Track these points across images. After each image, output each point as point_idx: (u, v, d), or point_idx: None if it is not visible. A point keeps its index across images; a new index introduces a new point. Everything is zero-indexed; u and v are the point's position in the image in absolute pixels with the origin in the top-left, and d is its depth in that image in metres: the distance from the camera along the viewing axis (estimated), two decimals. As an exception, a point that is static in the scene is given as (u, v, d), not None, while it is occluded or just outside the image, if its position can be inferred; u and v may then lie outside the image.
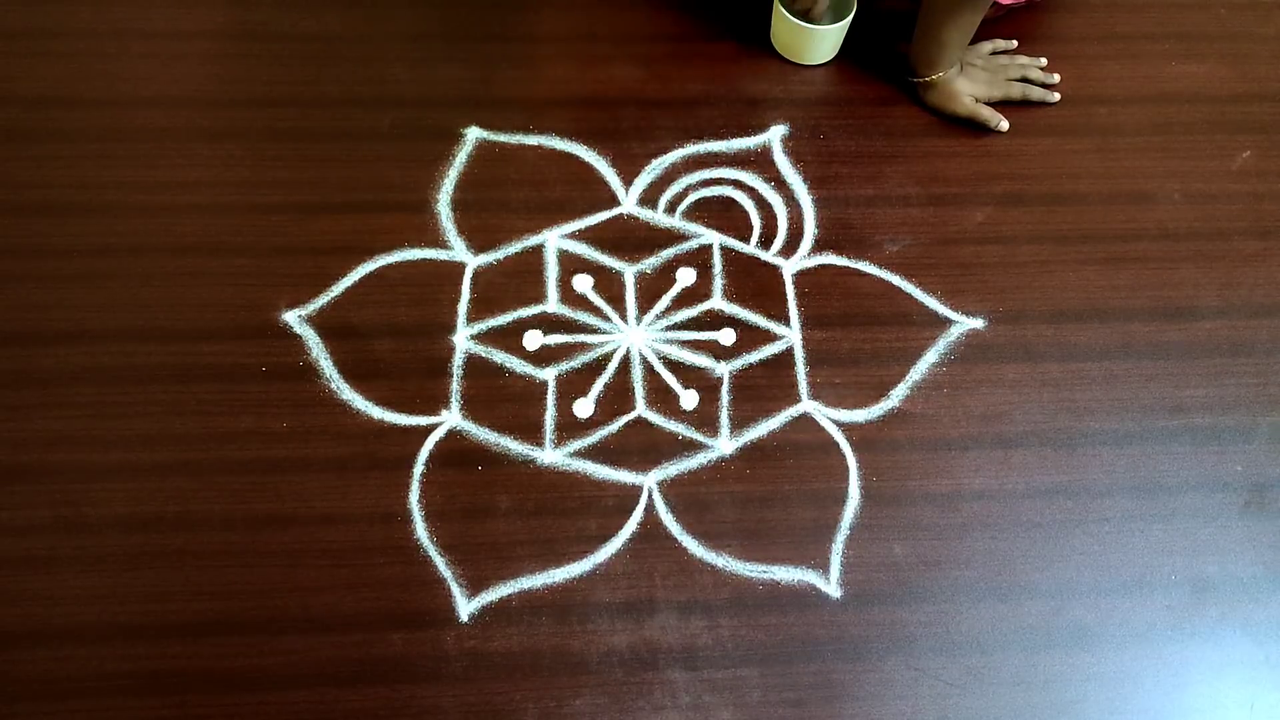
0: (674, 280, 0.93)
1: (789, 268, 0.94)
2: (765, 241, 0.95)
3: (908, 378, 0.88)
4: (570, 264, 0.93)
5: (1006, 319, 0.92)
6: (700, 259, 0.94)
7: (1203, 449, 0.86)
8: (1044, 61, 1.06)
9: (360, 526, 0.79)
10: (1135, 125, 1.04)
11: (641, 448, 0.84)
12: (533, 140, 1.00)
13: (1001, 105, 1.02)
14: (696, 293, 0.92)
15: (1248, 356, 0.91)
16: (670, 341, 0.90)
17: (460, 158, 0.98)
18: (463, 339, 0.88)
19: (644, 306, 0.91)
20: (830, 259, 0.94)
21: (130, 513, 0.79)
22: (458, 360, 0.87)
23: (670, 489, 0.82)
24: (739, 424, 0.85)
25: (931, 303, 0.92)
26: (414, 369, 0.86)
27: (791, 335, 0.90)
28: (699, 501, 0.82)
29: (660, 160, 0.99)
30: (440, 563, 0.78)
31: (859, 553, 0.80)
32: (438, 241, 0.93)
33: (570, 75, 1.05)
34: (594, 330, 0.90)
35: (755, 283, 0.92)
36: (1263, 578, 0.80)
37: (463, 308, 0.90)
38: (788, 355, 0.89)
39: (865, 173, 0.99)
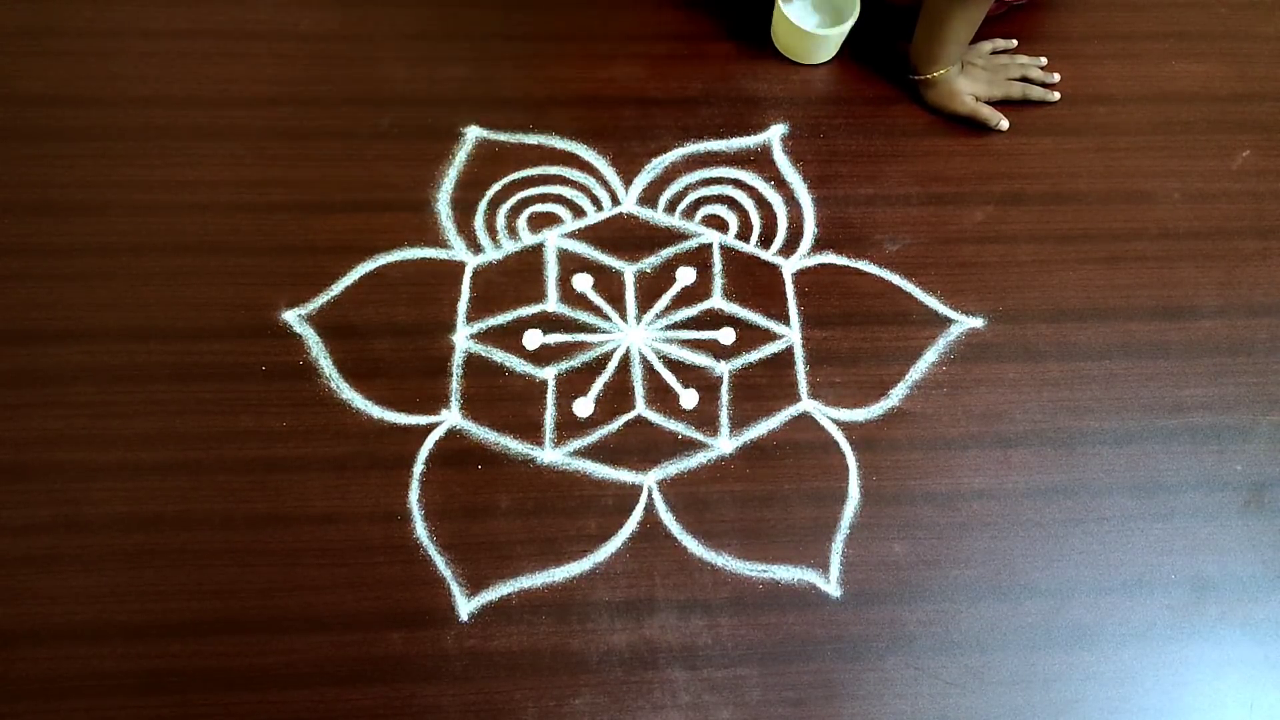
0: (674, 279, 0.93)
1: (789, 267, 0.94)
2: (765, 241, 0.95)
3: (907, 377, 0.88)
4: (570, 263, 0.93)
5: (1006, 318, 0.92)
6: (700, 258, 0.94)
7: (1202, 448, 0.86)
8: (1044, 61, 1.06)
9: (360, 526, 0.79)
10: (1135, 125, 1.04)
11: (641, 447, 0.84)
12: (533, 140, 1.00)
13: (1001, 104, 1.02)
14: (696, 292, 0.92)
15: (1247, 356, 0.91)
16: (670, 341, 0.90)
17: (460, 157, 0.98)
18: (462, 338, 0.88)
19: (644, 306, 0.91)
20: (830, 258, 0.94)
21: (130, 512, 0.79)
22: (457, 359, 0.87)
23: (670, 488, 0.82)
24: (739, 423, 0.85)
25: (931, 302, 0.92)
26: (414, 368, 0.86)
27: (791, 334, 0.90)
28: (699, 501, 0.82)
29: (660, 159, 0.99)
30: (440, 562, 0.78)
31: (859, 552, 0.80)
32: (438, 241, 0.93)
33: (570, 75, 1.05)
34: (594, 329, 0.90)
35: (755, 282, 0.92)
36: (1262, 577, 0.80)
37: (462, 307, 0.90)
38: (787, 354, 0.89)
39: (865, 172, 0.99)
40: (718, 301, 0.92)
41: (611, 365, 0.88)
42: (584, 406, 0.86)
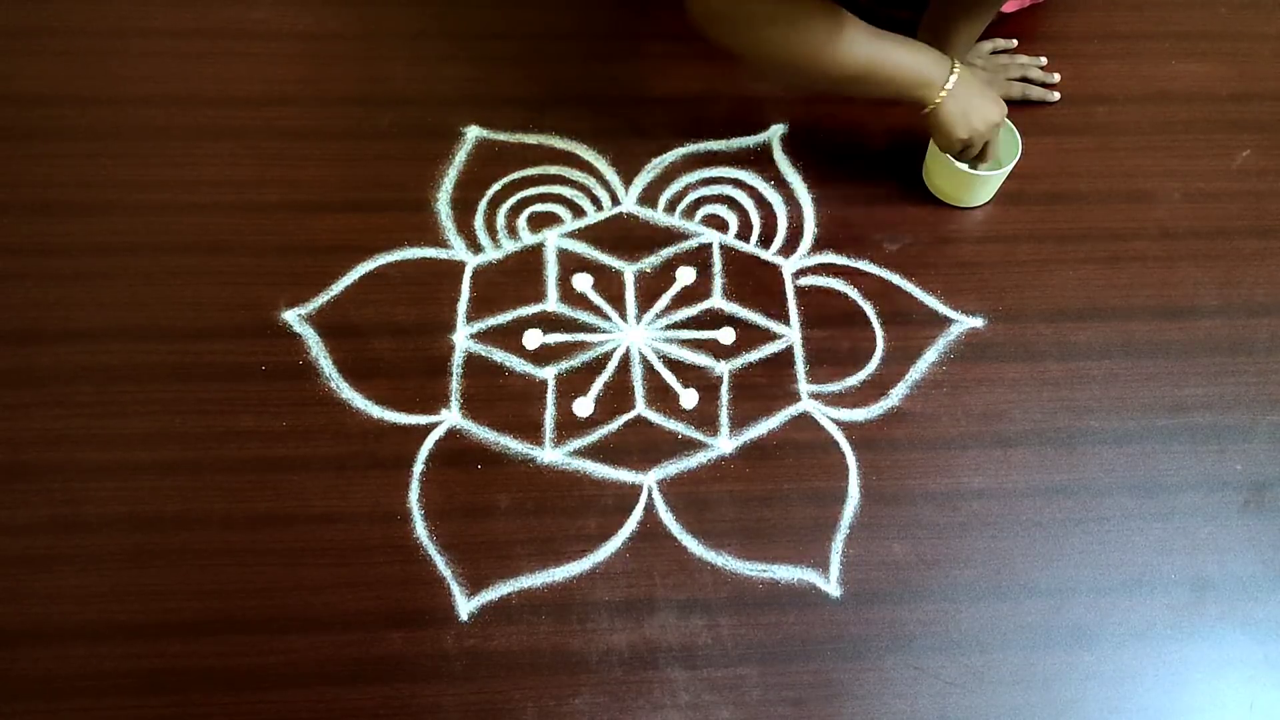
0: (674, 279, 0.93)
1: (789, 267, 0.94)
2: (765, 240, 0.95)
3: (907, 377, 0.88)
4: (570, 263, 0.93)
5: (1006, 318, 0.92)
6: (700, 258, 0.94)
7: (1202, 448, 0.86)
8: (1044, 61, 1.06)
9: (360, 526, 0.79)
10: (1135, 124, 1.04)
11: (641, 447, 0.84)
12: (533, 139, 1.00)
13: (1001, 104, 1.02)
14: (696, 292, 0.92)
15: (1247, 355, 0.91)
16: (670, 340, 0.90)
17: (460, 157, 0.98)
18: (462, 338, 0.88)
19: (644, 305, 0.91)
20: (830, 258, 0.94)
21: (130, 512, 0.79)
22: (457, 359, 0.87)
23: (670, 488, 0.82)
24: (739, 423, 0.85)
25: (931, 302, 0.92)
26: (413, 368, 0.86)
27: (791, 334, 0.90)
28: (699, 500, 0.82)
29: (660, 159, 0.99)
30: (440, 562, 0.78)
31: (858, 552, 0.80)
32: (437, 240, 0.93)
33: (570, 74, 1.05)
34: (594, 329, 0.90)
35: (755, 282, 0.92)
36: (1262, 577, 0.80)
37: (462, 307, 0.90)
38: (787, 354, 0.89)
39: (865, 172, 0.99)
40: (718, 301, 0.92)
41: (611, 365, 0.88)
42: (584, 406, 0.86)
